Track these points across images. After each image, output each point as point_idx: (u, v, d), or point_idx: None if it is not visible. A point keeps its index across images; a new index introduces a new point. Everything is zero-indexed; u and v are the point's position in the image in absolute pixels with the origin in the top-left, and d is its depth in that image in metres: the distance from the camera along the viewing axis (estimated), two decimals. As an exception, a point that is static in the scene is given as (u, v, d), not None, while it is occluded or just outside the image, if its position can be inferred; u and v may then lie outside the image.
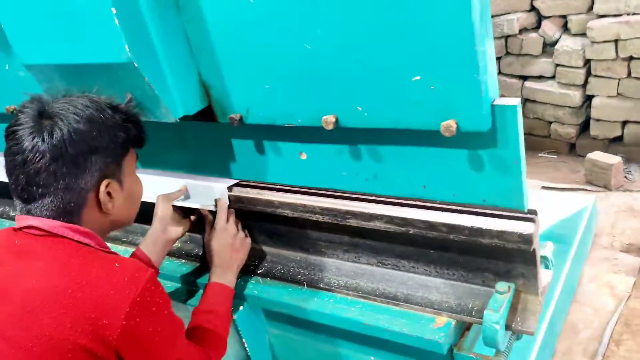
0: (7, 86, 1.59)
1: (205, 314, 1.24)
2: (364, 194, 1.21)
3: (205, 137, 1.35)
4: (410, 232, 1.15)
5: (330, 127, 1.07)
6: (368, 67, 0.99)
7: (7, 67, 1.53)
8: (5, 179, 1.08)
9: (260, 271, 1.42)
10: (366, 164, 1.15)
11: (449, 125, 0.95)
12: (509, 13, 3.40)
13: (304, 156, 1.22)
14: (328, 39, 0.99)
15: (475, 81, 0.91)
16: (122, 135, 1.09)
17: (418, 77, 0.95)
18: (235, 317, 1.36)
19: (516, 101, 0.95)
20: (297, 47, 1.03)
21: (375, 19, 0.93)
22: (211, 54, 1.15)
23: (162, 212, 1.34)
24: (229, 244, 1.36)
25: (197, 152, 1.41)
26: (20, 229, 1.06)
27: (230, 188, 1.36)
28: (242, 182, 1.37)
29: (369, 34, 0.95)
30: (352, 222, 1.22)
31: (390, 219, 1.17)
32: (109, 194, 1.09)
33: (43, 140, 1.02)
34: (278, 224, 1.40)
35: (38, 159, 1.02)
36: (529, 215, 1.05)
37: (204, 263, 1.49)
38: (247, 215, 1.41)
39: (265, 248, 1.46)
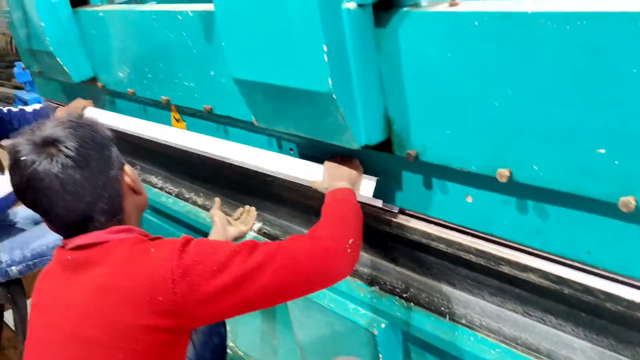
0: (207, 88, 1.82)
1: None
2: (520, 244, 1.25)
3: (376, 164, 1.46)
4: (565, 291, 1.18)
5: (504, 180, 1.12)
6: (553, 131, 1.02)
7: (212, 73, 1.75)
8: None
9: (405, 295, 1.50)
10: (531, 219, 1.18)
11: (628, 202, 0.96)
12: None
13: (469, 199, 1.28)
14: (517, 100, 1.05)
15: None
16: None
17: (603, 150, 0.98)
18: (376, 333, 1.46)
19: None
20: (484, 101, 1.10)
21: (571, 91, 0.97)
22: (400, 92, 1.24)
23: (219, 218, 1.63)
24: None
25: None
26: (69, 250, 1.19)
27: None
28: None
29: (561, 102, 0.99)
30: (505, 269, 1.27)
31: (545, 275, 1.20)
32: None
33: (56, 161, 1.12)
34: (430, 254, 1.48)
35: (69, 173, 1.12)
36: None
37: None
38: (401, 241, 1.50)
39: (414, 274, 1.54)
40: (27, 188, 1.14)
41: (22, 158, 1.12)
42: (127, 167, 1.27)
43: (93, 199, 1.17)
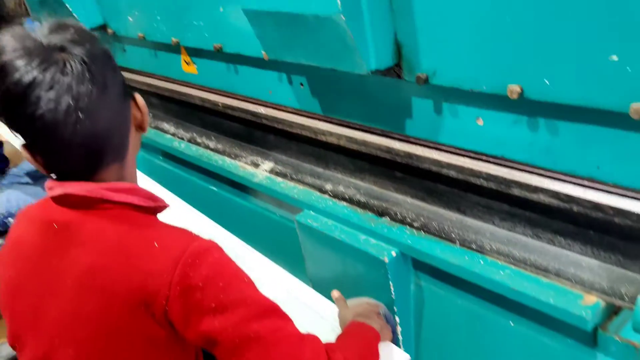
0: (216, 26, 1.82)
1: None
2: (531, 165, 1.25)
3: (386, 91, 1.46)
4: (574, 209, 1.19)
5: (515, 96, 1.12)
6: (564, 40, 1.02)
7: (221, 9, 1.74)
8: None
9: (416, 224, 1.52)
10: (541, 137, 1.18)
11: (639, 108, 0.96)
12: None
13: (480, 122, 1.28)
14: (527, 11, 1.04)
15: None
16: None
17: (615, 57, 0.97)
18: (386, 261, 1.49)
19: None
20: (493, 16, 1.09)
21: (582, -3, 0.96)
22: (410, 14, 1.23)
23: None
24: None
25: (374, 105, 1.52)
26: (54, 198, 0.99)
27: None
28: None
29: (571, 9, 0.98)
30: (516, 192, 1.28)
31: (555, 194, 1.21)
32: None
33: (71, 66, 0.89)
34: (440, 183, 1.49)
35: (85, 87, 0.89)
36: None
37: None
38: (411, 170, 1.51)
39: (423, 204, 1.56)
40: (22, 99, 0.87)
41: (12, 62, 0.87)
42: (138, 96, 1.07)
43: (107, 126, 0.95)
